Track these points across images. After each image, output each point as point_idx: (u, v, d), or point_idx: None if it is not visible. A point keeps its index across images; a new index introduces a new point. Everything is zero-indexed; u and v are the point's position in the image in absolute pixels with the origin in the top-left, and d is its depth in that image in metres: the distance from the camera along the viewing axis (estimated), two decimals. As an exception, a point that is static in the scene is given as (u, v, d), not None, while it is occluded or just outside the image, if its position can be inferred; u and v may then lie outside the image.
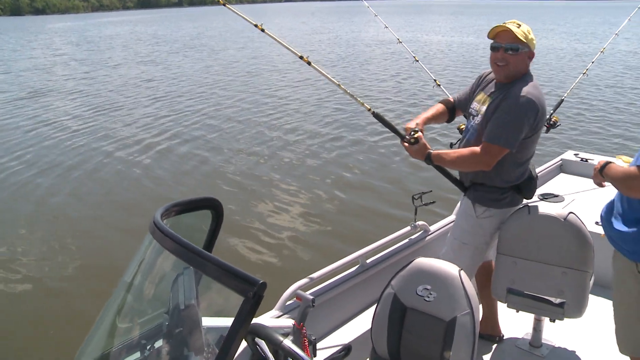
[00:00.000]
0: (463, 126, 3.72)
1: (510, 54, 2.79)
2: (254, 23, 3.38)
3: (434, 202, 3.60)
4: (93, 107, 15.17)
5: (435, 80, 4.76)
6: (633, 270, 2.25)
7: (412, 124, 3.06)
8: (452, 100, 3.28)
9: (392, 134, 3.23)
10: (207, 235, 1.98)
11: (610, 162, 2.37)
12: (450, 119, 3.29)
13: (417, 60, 4.95)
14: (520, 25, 2.80)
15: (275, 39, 3.27)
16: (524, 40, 2.77)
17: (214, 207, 1.94)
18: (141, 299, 1.88)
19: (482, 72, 3.16)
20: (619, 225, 2.28)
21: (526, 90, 2.72)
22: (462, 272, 2.29)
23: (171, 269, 1.80)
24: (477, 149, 2.78)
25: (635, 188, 2.11)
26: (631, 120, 12.38)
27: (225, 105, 15.13)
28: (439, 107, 3.26)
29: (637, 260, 2.22)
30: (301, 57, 3.35)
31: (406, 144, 2.98)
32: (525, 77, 2.83)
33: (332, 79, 3.31)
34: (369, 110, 3.24)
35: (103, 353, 1.74)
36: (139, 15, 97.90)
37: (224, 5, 3.43)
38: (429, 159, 2.93)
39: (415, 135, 2.94)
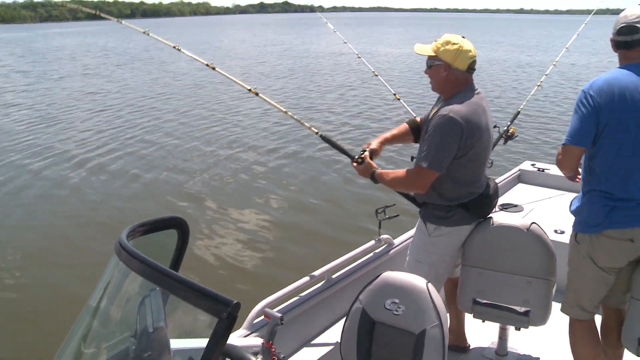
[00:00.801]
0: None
1: (428, 69, 2.88)
2: (205, 63, 3.49)
3: (397, 216, 3.65)
4: (31, 120, 14.96)
5: (395, 95, 4.81)
6: (573, 239, 2.75)
7: (372, 143, 3.15)
8: (418, 120, 3.25)
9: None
10: (173, 254, 1.95)
11: None
12: (416, 139, 3.20)
13: (377, 75, 5.02)
14: (442, 39, 2.82)
15: (226, 75, 3.51)
16: (434, 54, 2.80)
17: (179, 226, 1.92)
18: (107, 323, 1.83)
19: None
20: (572, 205, 2.80)
21: (450, 108, 2.70)
22: (430, 285, 2.31)
23: (137, 290, 1.77)
24: (411, 170, 2.81)
25: (561, 165, 2.73)
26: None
27: (173, 119, 15.17)
28: (402, 127, 3.27)
29: (574, 230, 2.73)
30: (249, 90, 3.49)
31: (355, 164, 3.10)
32: (460, 92, 2.80)
33: (280, 107, 3.45)
34: (316, 133, 3.30)
35: None
36: (90, 27, 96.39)
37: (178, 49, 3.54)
38: (373, 177, 3.01)
39: (362, 155, 3.05)
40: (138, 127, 13.99)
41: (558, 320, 3.01)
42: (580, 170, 2.75)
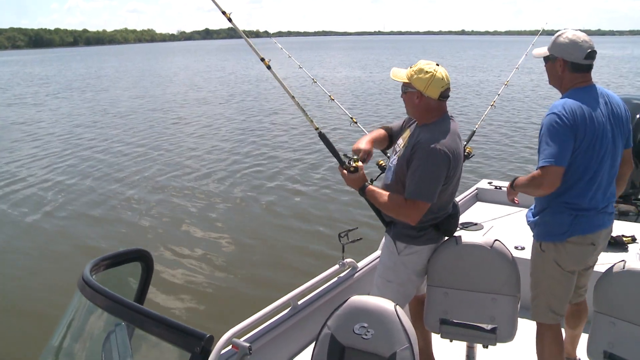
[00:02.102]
0: (382, 162, 3.81)
1: (403, 94, 2.91)
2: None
3: (360, 239, 3.65)
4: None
5: (352, 118, 4.85)
6: (537, 248, 2.95)
7: (361, 144, 3.06)
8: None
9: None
10: (137, 287, 1.93)
11: (517, 177, 3.01)
12: (388, 147, 3.25)
13: (333, 99, 5.05)
14: (416, 66, 2.84)
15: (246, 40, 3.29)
16: (408, 80, 2.83)
17: (143, 258, 1.91)
18: None
19: None
20: (529, 217, 3.02)
21: (435, 139, 2.73)
22: (398, 307, 2.32)
23: (102, 326, 1.74)
24: (404, 202, 2.79)
25: (540, 185, 2.74)
26: (536, 145, 13.12)
27: (116, 147, 15.03)
28: (380, 131, 3.23)
29: (538, 239, 2.94)
30: (262, 59, 3.27)
31: (345, 171, 2.95)
32: (439, 121, 2.84)
33: (288, 89, 3.26)
34: (316, 129, 3.20)
35: None
36: (30, 55, 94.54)
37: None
38: (362, 191, 2.94)
39: (356, 165, 2.94)
40: (75, 156, 13.91)
41: (524, 334, 3.06)
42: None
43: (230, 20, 3.30)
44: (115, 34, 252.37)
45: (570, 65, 2.80)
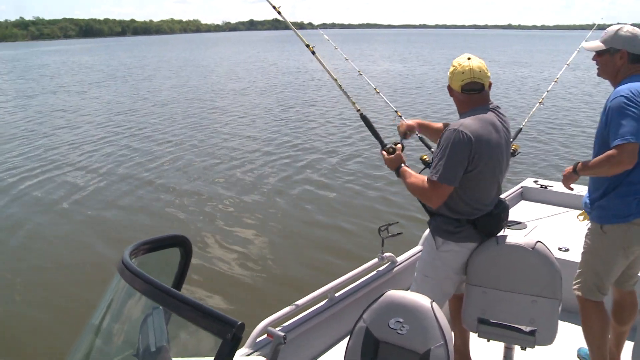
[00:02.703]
0: (426, 157, 3.78)
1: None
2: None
3: (400, 234, 3.64)
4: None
5: (396, 112, 4.82)
6: (597, 230, 3.02)
7: (407, 121, 3.21)
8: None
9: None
10: (176, 273, 1.95)
11: (579, 161, 3.10)
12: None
13: (378, 92, 5.02)
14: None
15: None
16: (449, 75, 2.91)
17: (182, 244, 1.92)
18: (109, 341, 1.83)
19: None
20: (586, 201, 3.13)
21: (460, 122, 2.76)
22: (434, 304, 2.30)
23: (140, 309, 1.77)
24: (425, 183, 2.80)
25: (619, 164, 2.79)
26: (585, 143, 12.87)
27: (165, 134, 15.29)
28: (440, 124, 3.32)
29: (600, 222, 3.01)
30: (307, 45, 3.46)
31: (384, 152, 3.08)
32: (472, 110, 2.85)
33: (331, 73, 3.36)
34: (358, 110, 3.27)
35: None
36: (79, 45, 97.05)
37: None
38: (398, 172, 2.99)
39: (395, 146, 3.04)
40: (112, 144, 14.18)
41: (563, 338, 2.99)
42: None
43: (279, 13, 3.36)
44: (161, 24, 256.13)
45: (632, 57, 2.95)
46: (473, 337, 3.21)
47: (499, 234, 2.97)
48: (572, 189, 3.27)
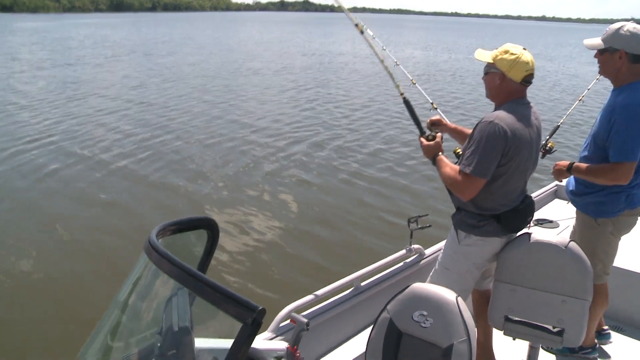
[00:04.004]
0: (459, 150, 3.74)
1: (485, 76, 2.89)
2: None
3: (429, 226, 3.62)
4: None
5: (432, 104, 4.76)
6: (591, 223, 3.23)
7: (443, 119, 3.23)
8: None
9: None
10: (202, 255, 1.97)
11: (574, 162, 3.24)
12: None
13: (414, 83, 4.97)
14: (502, 47, 2.83)
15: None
16: (492, 61, 2.81)
17: (209, 227, 1.94)
18: (134, 318, 1.87)
19: None
20: (574, 194, 3.32)
21: (496, 115, 2.71)
22: (459, 299, 2.29)
23: (165, 289, 1.80)
24: (458, 174, 2.77)
25: (616, 180, 2.96)
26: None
27: (190, 117, 15.25)
28: (469, 130, 3.23)
29: (594, 216, 3.21)
30: (356, 25, 3.44)
31: (423, 139, 3.05)
32: (511, 102, 2.80)
33: (378, 54, 3.37)
34: (401, 94, 3.25)
35: None
36: (108, 19, 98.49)
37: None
38: (434, 160, 2.96)
39: (435, 133, 3.03)
40: (126, 118, 14.34)
41: None
42: None
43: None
44: (192, 1, 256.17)
45: (631, 57, 2.95)
46: (497, 334, 3.17)
47: (530, 231, 2.93)
48: (561, 182, 3.46)
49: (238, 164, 10.54)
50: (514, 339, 2.98)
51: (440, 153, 2.96)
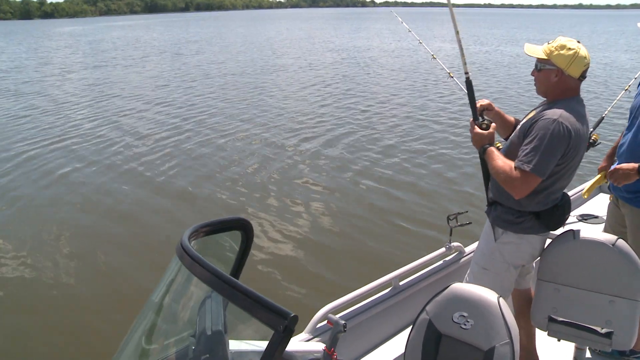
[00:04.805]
0: (499, 145, 3.65)
1: (537, 72, 2.77)
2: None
3: (469, 224, 3.56)
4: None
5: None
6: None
7: (489, 102, 3.06)
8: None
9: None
10: (236, 256, 1.96)
11: None
12: (507, 138, 3.10)
13: (452, 77, 4.89)
14: (556, 42, 2.71)
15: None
16: (545, 57, 2.69)
17: (243, 228, 1.93)
18: (168, 320, 1.88)
19: None
20: (630, 193, 3.21)
21: (560, 114, 2.60)
22: (501, 300, 2.22)
23: (199, 292, 1.79)
24: (513, 170, 2.65)
25: None
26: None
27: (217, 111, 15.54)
28: (511, 119, 3.15)
29: None
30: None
31: (476, 126, 2.90)
32: (568, 99, 2.70)
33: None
34: (466, 73, 3.15)
35: None
36: (141, 20, 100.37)
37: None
38: (484, 151, 2.84)
39: (489, 122, 2.89)
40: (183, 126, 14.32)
41: None
42: None
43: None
44: (224, 0, 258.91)
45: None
46: (541, 335, 3.08)
47: (575, 228, 2.82)
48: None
49: (269, 162, 10.55)
50: (558, 340, 2.89)
51: (491, 144, 2.85)
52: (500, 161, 2.73)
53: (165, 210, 8.21)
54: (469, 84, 3.12)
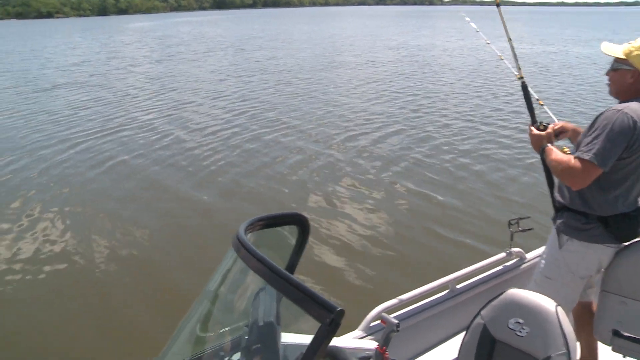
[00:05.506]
0: (567, 150, 3.55)
1: (612, 72, 2.70)
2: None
3: (531, 229, 3.47)
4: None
5: (538, 100, 4.56)
6: None
7: (563, 122, 3.03)
8: None
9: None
10: (292, 251, 1.99)
11: None
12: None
13: (522, 78, 4.78)
14: (637, 42, 2.62)
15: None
16: (623, 57, 2.61)
17: (300, 222, 1.95)
18: (222, 310, 1.93)
19: None
20: None
21: (625, 105, 2.53)
22: (560, 309, 2.17)
23: (253, 282, 1.84)
24: (572, 160, 2.59)
25: None
26: None
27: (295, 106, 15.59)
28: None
29: None
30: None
31: (533, 128, 2.92)
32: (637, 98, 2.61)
33: (508, 31, 3.34)
34: (521, 78, 3.21)
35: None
36: (211, 16, 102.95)
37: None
38: (543, 151, 2.82)
39: (547, 124, 2.91)
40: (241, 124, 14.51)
41: None
42: None
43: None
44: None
45: None
46: (604, 349, 2.98)
47: None
48: None
49: (329, 156, 10.57)
50: (624, 357, 2.79)
51: (550, 144, 2.82)
52: (559, 155, 2.69)
53: (207, 203, 8.36)
54: (524, 88, 3.15)
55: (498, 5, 3.30)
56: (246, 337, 1.78)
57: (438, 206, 8.08)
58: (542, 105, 4.52)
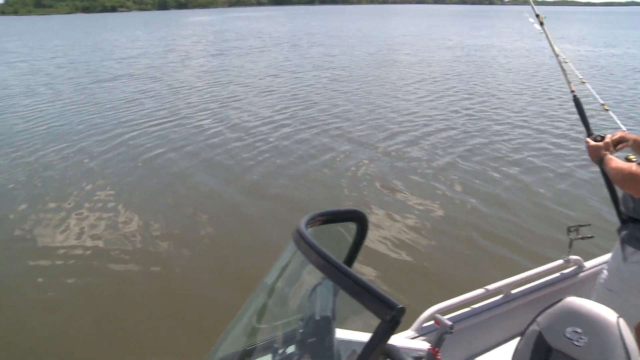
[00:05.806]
0: (633, 157, 3.44)
1: None
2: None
3: (591, 237, 3.38)
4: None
5: (602, 105, 4.43)
6: None
7: (621, 135, 2.91)
8: None
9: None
10: (350, 247, 2.00)
11: None
12: None
13: (584, 82, 4.66)
14: None
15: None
16: None
17: (359, 219, 1.96)
18: (279, 302, 1.96)
19: None
20: None
21: None
22: (622, 320, 2.09)
23: (311, 278, 1.86)
24: (636, 167, 2.50)
25: None
26: None
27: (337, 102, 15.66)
28: None
29: None
30: (537, 15, 3.47)
31: (589, 139, 2.86)
32: None
33: (554, 47, 3.36)
34: (572, 91, 3.18)
35: (237, 350, 1.83)
36: (268, 12, 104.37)
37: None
38: (601, 161, 2.73)
39: (603, 135, 2.83)
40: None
41: None
42: None
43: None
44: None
45: None
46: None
47: None
48: None
49: (382, 156, 10.53)
50: None
51: (608, 153, 2.73)
52: (620, 163, 2.59)
53: (279, 200, 8.42)
54: (576, 101, 3.11)
55: (542, 24, 3.24)
56: (301, 330, 1.81)
57: (494, 210, 7.96)
58: (607, 110, 4.39)
